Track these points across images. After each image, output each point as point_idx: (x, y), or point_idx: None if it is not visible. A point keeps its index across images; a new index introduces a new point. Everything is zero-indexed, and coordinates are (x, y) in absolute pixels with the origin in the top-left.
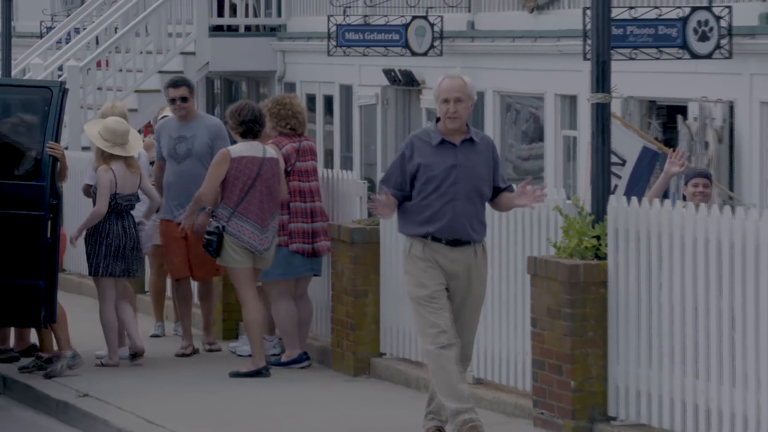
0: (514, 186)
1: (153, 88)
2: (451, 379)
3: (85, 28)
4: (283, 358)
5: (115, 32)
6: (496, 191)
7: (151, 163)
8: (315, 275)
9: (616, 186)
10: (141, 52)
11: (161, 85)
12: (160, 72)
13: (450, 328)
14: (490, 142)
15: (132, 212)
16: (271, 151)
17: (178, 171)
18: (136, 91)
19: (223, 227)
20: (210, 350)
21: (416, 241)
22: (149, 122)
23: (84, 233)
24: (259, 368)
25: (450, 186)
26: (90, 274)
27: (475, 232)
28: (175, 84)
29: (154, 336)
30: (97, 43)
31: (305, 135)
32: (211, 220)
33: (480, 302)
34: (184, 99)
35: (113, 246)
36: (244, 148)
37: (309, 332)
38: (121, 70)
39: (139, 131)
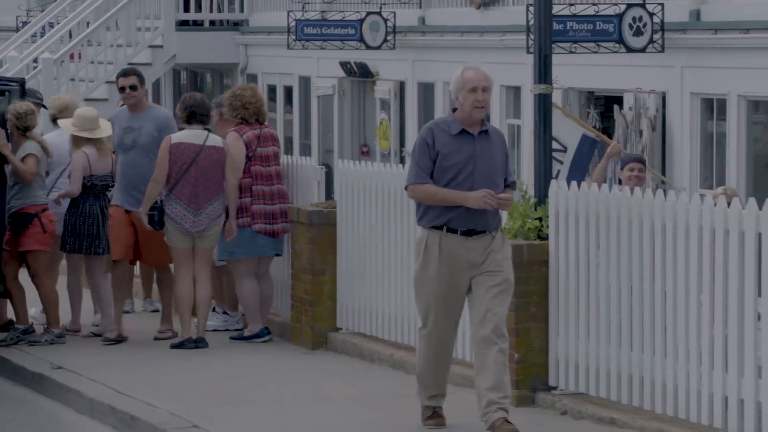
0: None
1: None
2: (434, 370)
3: (58, 23)
4: (246, 333)
5: (87, 26)
6: (505, 186)
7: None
8: (277, 255)
9: (558, 171)
10: (111, 46)
11: None
12: (130, 64)
13: (449, 327)
14: (502, 135)
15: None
16: (214, 140)
17: (123, 161)
18: (107, 82)
19: (161, 204)
20: (157, 338)
21: (432, 235)
22: None
23: (64, 211)
24: (183, 340)
25: (467, 176)
26: (62, 249)
27: (490, 221)
28: (125, 73)
29: (124, 312)
30: (70, 36)
31: (266, 123)
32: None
33: (509, 284)
34: (133, 87)
35: (87, 225)
36: (185, 134)
37: (270, 308)
38: (92, 62)
39: (109, 119)
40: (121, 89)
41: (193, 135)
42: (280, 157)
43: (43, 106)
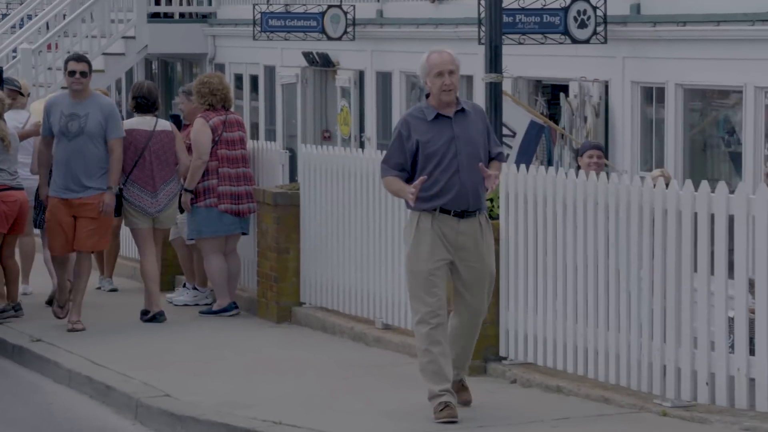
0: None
1: (97, 68)
2: (436, 361)
3: (36, 15)
4: (215, 307)
5: (64, 18)
6: (490, 159)
7: None
8: (243, 233)
9: (507, 155)
10: (87, 36)
11: (105, 66)
12: (104, 54)
13: (442, 308)
14: (480, 110)
15: None
16: (164, 125)
17: (69, 148)
18: None
19: (120, 190)
20: (71, 330)
21: (424, 215)
22: None
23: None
24: (155, 313)
25: (452, 158)
26: (36, 226)
27: (479, 201)
28: (78, 58)
29: (98, 288)
30: (48, 28)
31: (231, 110)
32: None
33: (492, 273)
34: (83, 74)
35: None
36: (135, 122)
37: (238, 284)
38: (68, 52)
39: (47, 105)
40: (71, 73)
41: (143, 122)
42: (246, 141)
43: (21, 94)
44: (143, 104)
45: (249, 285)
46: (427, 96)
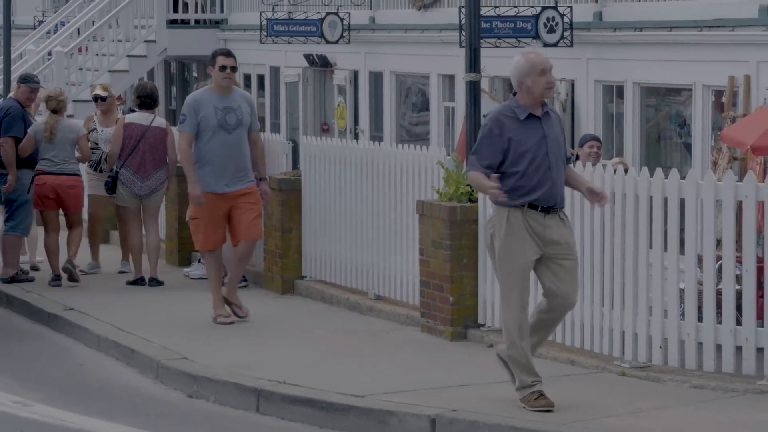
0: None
1: (122, 68)
2: (526, 354)
3: (69, 21)
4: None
5: (93, 24)
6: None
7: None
8: None
9: None
10: (113, 40)
11: (129, 66)
12: (128, 56)
13: (528, 301)
14: (557, 113)
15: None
16: (159, 122)
17: (228, 141)
18: (109, 71)
19: (117, 173)
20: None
21: (513, 210)
22: (119, 95)
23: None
24: (136, 278)
25: (544, 156)
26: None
27: (563, 198)
28: (228, 53)
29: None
30: (79, 33)
31: None
32: (113, 167)
33: (578, 264)
34: (233, 68)
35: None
36: (135, 116)
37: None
38: (97, 55)
39: (191, 102)
40: (222, 68)
41: (141, 117)
42: None
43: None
44: (146, 102)
45: (257, 261)
46: (514, 94)
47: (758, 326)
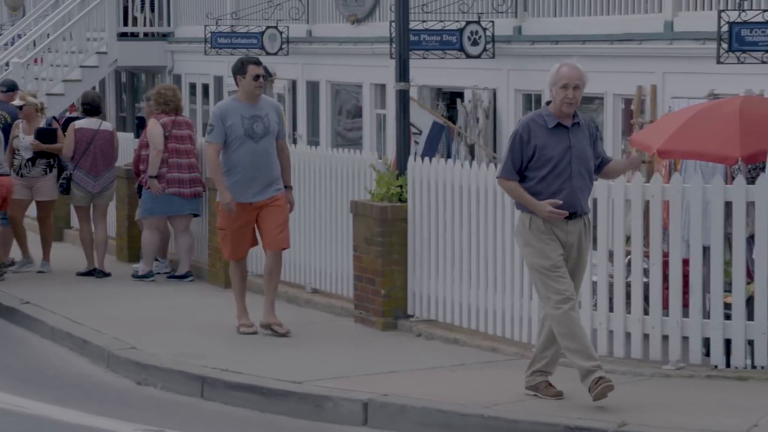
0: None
1: (76, 78)
2: (581, 341)
3: (25, 34)
4: (140, 272)
5: (48, 37)
6: (602, 163)
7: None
8: (195, 215)
9: (416, 152)
10: (67, 52)
11: (82, 76)
12: (81, 67)
13: (569, 289)
14: (587, 121)
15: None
16: (106, 126)
17: (256, 150)
18: (63, 81)
19: (70, 175)
20: (284, 334)
21: (536, 216)
22: (72, 104)
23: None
24: (89, 270)
25: (566, 166)
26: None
27: (585, 205)
28: (258, 62)
29: (39, 272)
30: (35, 45)
31: (179, 112)
32: (65, 171)
33: (586, 266)
34: (265, 77)
35: None
36: (84, 122)
37: (191, 257)
38: (52, 65)
39: (65, 110)
40: (256, 77)
41: (90, 122)
42: (195, 138)
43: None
44: (88, 109)
45: (202, 257)
46: (548, 103)
47: (663, 315)
